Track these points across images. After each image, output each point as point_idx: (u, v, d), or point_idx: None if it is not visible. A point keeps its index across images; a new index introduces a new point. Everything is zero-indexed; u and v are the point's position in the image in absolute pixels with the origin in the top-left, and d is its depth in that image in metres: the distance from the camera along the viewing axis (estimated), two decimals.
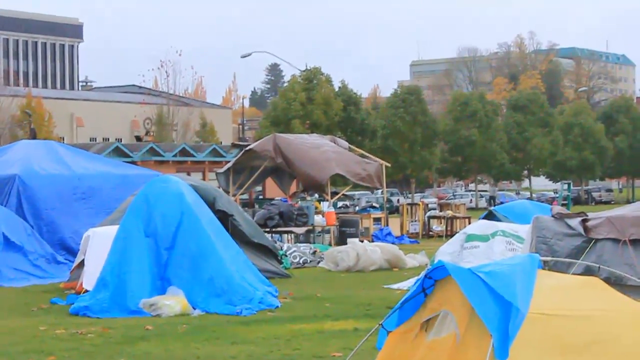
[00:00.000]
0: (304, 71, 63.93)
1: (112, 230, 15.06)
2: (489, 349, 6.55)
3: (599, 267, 9.65)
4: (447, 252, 17.91)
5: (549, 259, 10.63)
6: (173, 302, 13.48)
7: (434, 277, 7.38)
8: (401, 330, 7.67)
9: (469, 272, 6.96)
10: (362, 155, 31.25)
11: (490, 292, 6.85)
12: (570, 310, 7.11)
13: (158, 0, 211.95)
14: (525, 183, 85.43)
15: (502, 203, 48.02)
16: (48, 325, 13.09)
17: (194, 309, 13.70)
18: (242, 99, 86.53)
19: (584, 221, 13.77)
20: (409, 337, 7.59)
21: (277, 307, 14.52)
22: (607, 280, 8.89)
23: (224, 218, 16.99)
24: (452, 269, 7.15)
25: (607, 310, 7.30)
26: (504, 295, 6.78)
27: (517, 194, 78.48)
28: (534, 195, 74.47)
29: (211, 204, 16.67)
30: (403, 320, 7.63)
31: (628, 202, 58.89)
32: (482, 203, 67.04)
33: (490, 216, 23.12)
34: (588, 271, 9.87)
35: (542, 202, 48.05)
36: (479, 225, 19.57)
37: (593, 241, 13.15)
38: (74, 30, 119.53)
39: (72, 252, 18.27)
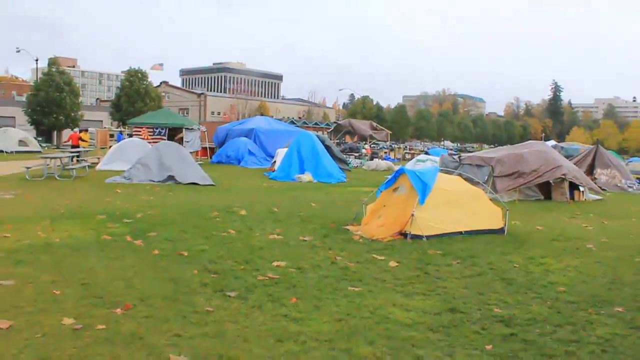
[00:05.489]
0: None
1: (285, 150, 24.85)
2: (417, 199, 10.62)
3: (460, 173, 15.93)
4: (409, 165, 27.38)
5: (443, 169, 14.05)
6: (306, 177, 22.92)
7: (398, 173, 11.62)
8: (385, 191, 11.89)
9: (411, 171, 11.20)
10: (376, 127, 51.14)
11: (419, 178, 10.86)
12: (449, 187, 11.46)
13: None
14: None
15: None
16: (262, 182, 21.95)
17: (314, 180, 22.86)
18: (340, 105, 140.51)
19: (459, 157, 21.16)
20: (388, 193, 11.75)
21: (344, 181, 23.74)
22: (467, 179, 13.13)
23: (328, 147, 27.39)
24: (405, 170, 11.28)
25: (462, 187, 11.79)
26: (423, 180, 10.79)
27: None
28: None
29: (323, 142, 26.83)
30: (386, 187, 11.87)
31: None
32: None
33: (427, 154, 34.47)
34: (458, 174, 14.40)
35: None
36: (422, 157, 30.08)
37: (461, 164, 20.31)
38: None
39: (272, 156, 29.30)
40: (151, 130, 33.05)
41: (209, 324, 5.95)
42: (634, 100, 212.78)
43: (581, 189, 20.52)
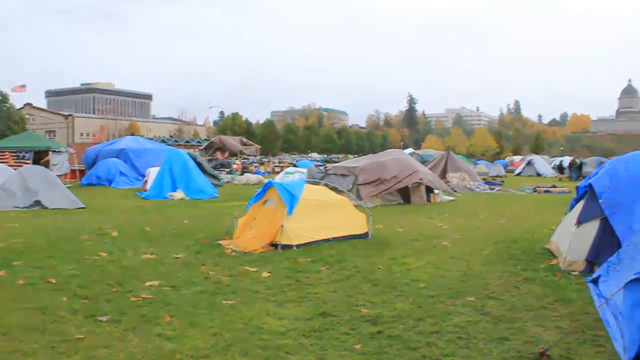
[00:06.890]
0: None
1: (156, 169, 24.22)
2: (285, 211, 10.80)
3: (326, 183, 16.76)
4: (278, 178, 27.48)
5: (310, 180, 14.94)
6: (179, 194, 22.64)
7: (267, 186, 11.69)
8: (255, 204, 11.84)
9: (279, 183, 11.47)
10: (246, 143, 52.27)
11: (287, 190, 11.03)
12: (315, 196, 11.59)
13: None
14: None
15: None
16: (134, 202, 21.34)
17: (187, 197, 22.67)
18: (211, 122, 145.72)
19: (325, 167, 21.91)
20: (258, 206, 11.71)
21: (216, 196, 23.59)
22: (333, 188, 12.93)
23: (200, 164, 27.09)
24: (273, 183, 11.58)
25: (328, 196, 12.05)
26: (291, 191, 11.00)
27: None
28: None
29: (194, 159, 26.65)
30: (256, 200, 11.84)
31: None
32: None
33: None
34: (325, 184, 13.30)
35: None
36: (291, 169, 30.40)
37: (327, 175, 20.67)
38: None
39: (143, 176, 27.70)
40: (15, 154, 30.83)
41: (80, 352, 5.57)
42: (478, 110, 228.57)
43: (436, 191, 21.66)
